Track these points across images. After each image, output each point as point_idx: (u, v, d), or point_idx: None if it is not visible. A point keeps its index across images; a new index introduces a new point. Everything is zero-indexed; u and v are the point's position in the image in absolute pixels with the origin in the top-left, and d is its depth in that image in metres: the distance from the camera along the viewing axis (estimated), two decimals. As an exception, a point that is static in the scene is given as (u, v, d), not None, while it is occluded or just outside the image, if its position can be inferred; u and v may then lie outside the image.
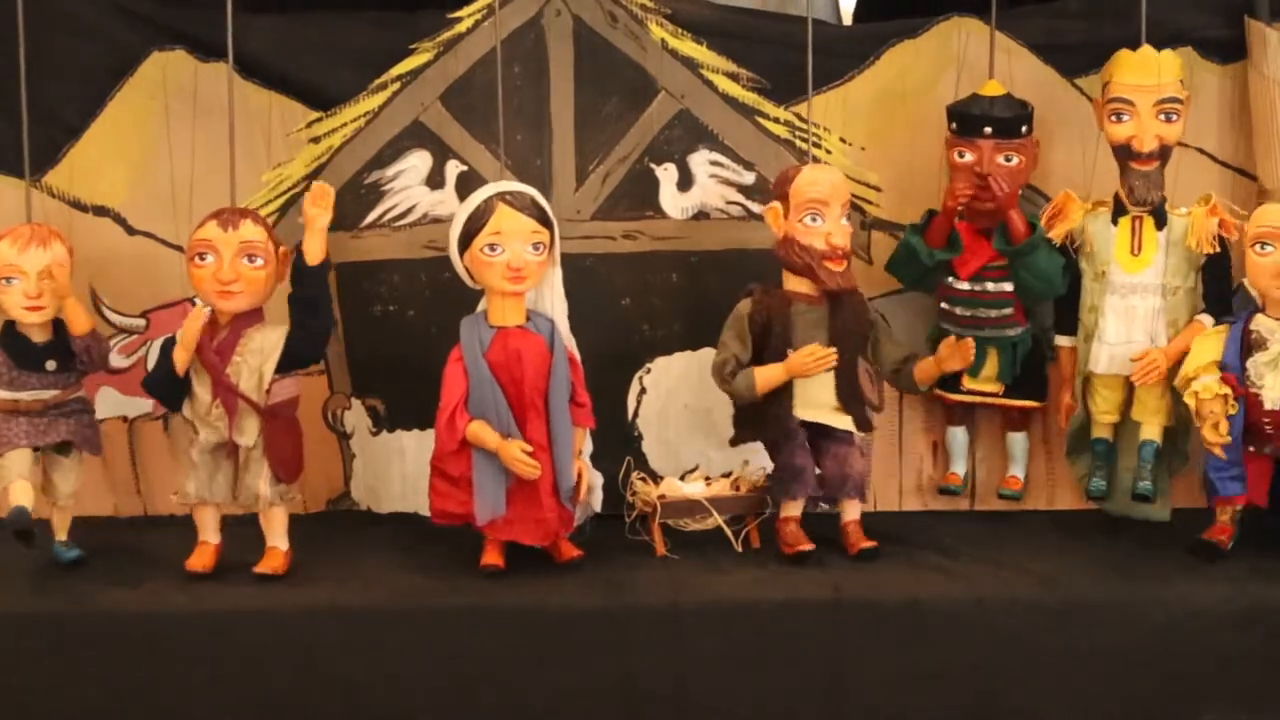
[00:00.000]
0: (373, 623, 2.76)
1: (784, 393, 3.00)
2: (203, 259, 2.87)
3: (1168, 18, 3.17)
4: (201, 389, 2.90)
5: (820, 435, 3.02)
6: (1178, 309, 3.04)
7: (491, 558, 2.91)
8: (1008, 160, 3.04)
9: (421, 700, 2.74)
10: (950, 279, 3.12)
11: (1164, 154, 3.02)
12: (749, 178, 3.24)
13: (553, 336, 2.90)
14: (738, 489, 3.06)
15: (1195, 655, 2.75)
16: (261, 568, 2.90)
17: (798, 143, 3.23)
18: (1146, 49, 3.03)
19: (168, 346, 2.91)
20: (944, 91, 3.23)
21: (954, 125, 3.07)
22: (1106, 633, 2.76)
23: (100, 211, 3.20)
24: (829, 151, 3.24)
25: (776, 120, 3.23)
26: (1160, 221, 3.04)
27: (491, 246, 2.85)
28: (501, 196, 2.87)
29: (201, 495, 2.92)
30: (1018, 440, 3.23)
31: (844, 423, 3.02)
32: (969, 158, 3.04)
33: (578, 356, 2.97)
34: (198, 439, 2.91)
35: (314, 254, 2.87)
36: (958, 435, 3.25)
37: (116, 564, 2.97)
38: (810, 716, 2.77)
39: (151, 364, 3.16)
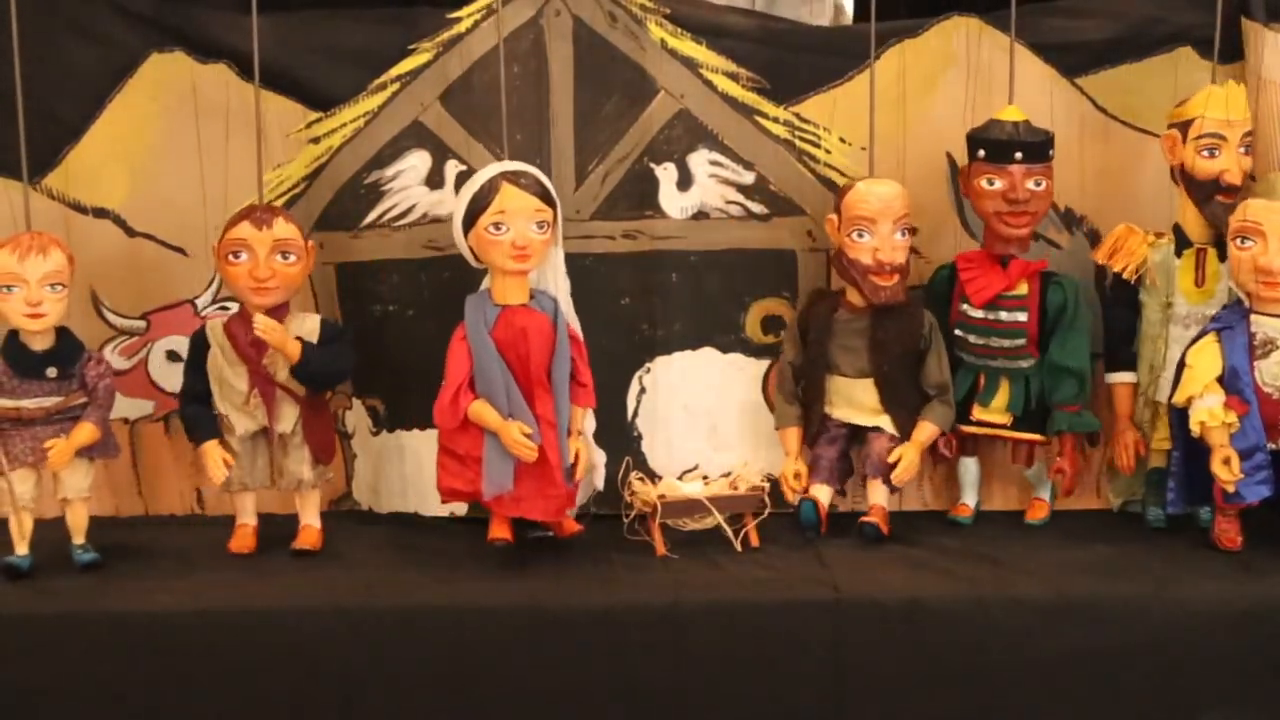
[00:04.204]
0: (373, 623, 2.76)
1: (821, 393, 3.12)
2: (237, 257, 2.92)
3: (1167, 17, 3.18)
4: (237, 380, 2.96)
5: (860, 430, 3.12)
6: None
7: (499, 531, 2.95)
8: (1037, 185, 3.04)
9: (421, 700, 2.75)
10: (964, 305, 3.12)
11: (1242, 186, 3.05)
12: (748, 177, 3.23)
13: (556, 314, 2.93)
14: (736, 488, 3.07)
15: (1195, 655, 2.75)
16: (299, 544, 3.01)
17: (797, 143, 3.23)
18: (1230, 83, 3.05)
19: (195, 418, 3.01)
20: (944, 91, 3.23)
21: (982, 152, 3.05)
22: (1106, 633, 2.75)
23: (100, 213, 3.20)
24: (829, 151, 3.24)
25: (776, 120, 3.23)
26: (1223, 252, 3.04)
27: (496, 225, 2.87)
28: (505, 176, 2.90)
29: (244, 482, 3.01)
30: (1034, 473, 3.22)
31: (880, 422, 3.09)
32: (1000, 184, 3.03)
33: (580, 335, 2.99)
34: (236, 429, 2.98)
35: (292, 355, 2.94)
36: (970, 466, 3.23)
37: (118, 564, 2.97)
38: (810, 716, 2.77)
39: (153, 368, 3.20)
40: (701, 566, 2.93)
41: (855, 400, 3.12)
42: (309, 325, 3.00)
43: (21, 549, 2.93)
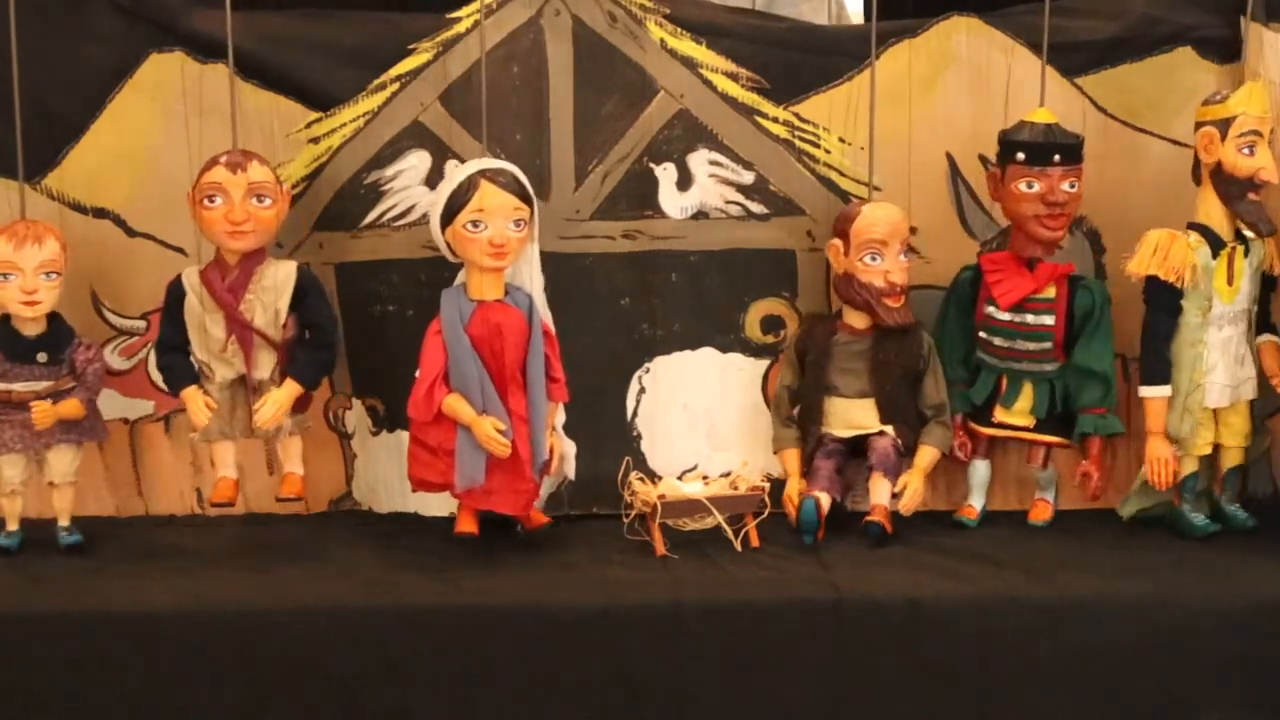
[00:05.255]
0: (373, 623, 2.76)
1: (820, 414, 3.15)
2: (212, 201, 2.94)
3: (1167, 17, 3.18)
4: (215, 328, 2.98)
5: (859, 444, 3.15)
6: (1250, 330, 3.08)
7: (466, 525, 2.97)
8: (1071, 187, 3.04)
9: (421, 700, 2.75)
10: (990, 307, 3.12)
11: None
12: (748, 177, 3.23)
13: (531, 311, 2.95)
14: (736, 488, 3.07)
15: (1195, 655, 2.76)
16: (285, 493, 3.06)
17: (796, 143, 3.23)
18: (1260, 81, 3.04)
19: (173, 367, 3.03)
20: (944, 91, 3.23)
21: (1021, 155, 3.03)
22: (1106, 633, 2.75)
23: (100, 213, 3.20)
24: (828, 151, 3.24)
25: (775, 120, 3.23)
26: (1248, 248, 3.05)
27: (474, 223, 2.89)
28: (484, 174, 2.91)
29: (223, 431, 3.02)
30: (1044, 474, 3.23)
31: (884, 429, 3.12)
32: (1039, 187, 3.03)
33: (553, 331, 3.02)
34: (214, 377, 2.99)
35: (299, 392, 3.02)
36: (981, 469, 3.23)
37: (118, 564, 2.97)
38: (810, 716, 2.77)
39: (153, 368, 3.21)
40: (701, 566, 2.93)
41: (854, 420, 3.15)
42: (284, 272, 3.01)
43: (12, 527, 3.00)
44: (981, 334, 3.15)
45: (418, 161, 3.21)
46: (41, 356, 2.98)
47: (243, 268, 2.98)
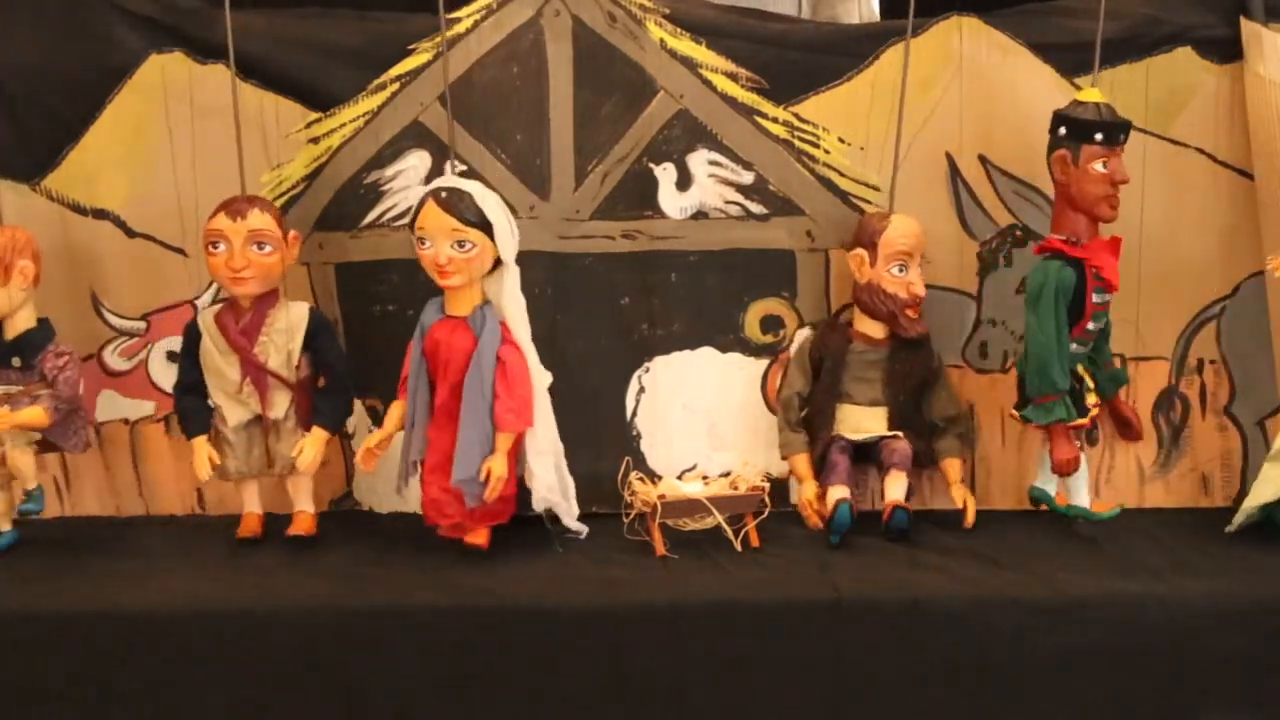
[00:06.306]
0: (373, 623, 2.76)
1: (831, 421, 3.17)
2: (215, 248, 2.99)
3: (1167, 17, 3.18)
4: (229, 369, 3.02)
5: (868, 448, 3.17)
6: None
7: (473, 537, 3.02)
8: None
9: (421, 700, 2.75)
10: (1099, 296, 3.05)
11: None
12: (747, 177, 3.24)
13: (482, 333, 2.92)
14: (736, 488, 3.07)
15: (1195, 655, 2.75)
16: (294, 530, 3.08)
17: (796, 143, 3.23)
18: None
19: (189, 411, 3.08)
20: (944, 91, 3.23)
21: (1100, 136, 2.98)
22: (1106, 633, 2.75)
23: (100, 214, 3.20)
24: (828, 151, 3.24)
25: (775, 120, 3.23)
26: None
27: (420, 240, 2.93)
28: (433, 193, 2.93)
29: (241, 471, 3.07)
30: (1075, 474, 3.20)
31: (895, 432, 3.14)
32: (1110, 167, 3.00)
33: (519, 358, 2.95)
34: (230, 419, 3.04)
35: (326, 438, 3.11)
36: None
37: (118, 564, 2.97)
38: (810, 716, 2.77)
39: (153, 369, 3.21)
40: (701, 566, 2.93)
41: (864, 427, 3.17)
42: (296, 314, 3.05)
43: (3, 526, 3.04)
44: (1091, 326, 3.07)
45: (418, 161, 3.21)
46: (15, 361, 2.99)
47: (256, 310, 3.03)
